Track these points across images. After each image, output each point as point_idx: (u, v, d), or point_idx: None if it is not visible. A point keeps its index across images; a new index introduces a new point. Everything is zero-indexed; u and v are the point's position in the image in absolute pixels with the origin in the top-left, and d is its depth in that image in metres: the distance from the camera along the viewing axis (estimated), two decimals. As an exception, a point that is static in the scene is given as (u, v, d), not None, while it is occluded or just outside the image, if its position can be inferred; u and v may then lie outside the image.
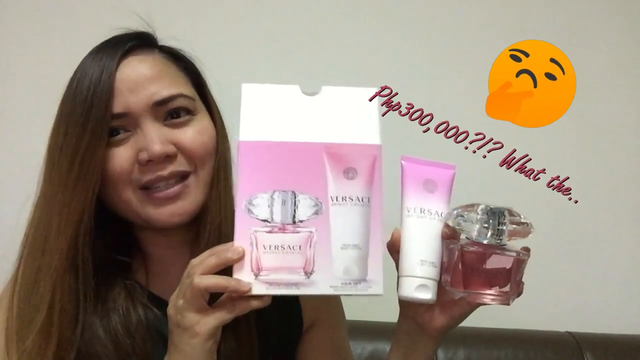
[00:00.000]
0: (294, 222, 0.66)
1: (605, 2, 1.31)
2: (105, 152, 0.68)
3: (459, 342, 1.10)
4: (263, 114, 0.69)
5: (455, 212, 0.66)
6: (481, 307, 0.68)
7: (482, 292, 0.64)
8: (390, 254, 0.68)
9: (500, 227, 0.64)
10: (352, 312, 0.88)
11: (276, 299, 0.78)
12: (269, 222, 0.66)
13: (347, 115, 0.70)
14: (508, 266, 0.64)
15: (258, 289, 0.64)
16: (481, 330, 1.12)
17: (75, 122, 0.68)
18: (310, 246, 0.66)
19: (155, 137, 0.69)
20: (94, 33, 0.73)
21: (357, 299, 0.83)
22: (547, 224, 1.27)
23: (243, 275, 0.64)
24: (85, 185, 0.67)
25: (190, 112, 0.73)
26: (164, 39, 0.78)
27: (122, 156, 0.69)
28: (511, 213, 0.65)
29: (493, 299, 0.64)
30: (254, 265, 0.64)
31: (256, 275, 0.64)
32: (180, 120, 0.72)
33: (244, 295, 0.63)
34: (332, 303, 0.87)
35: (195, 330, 0.62)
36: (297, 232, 0.66)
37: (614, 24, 1.30)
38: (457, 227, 0.65)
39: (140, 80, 0.70)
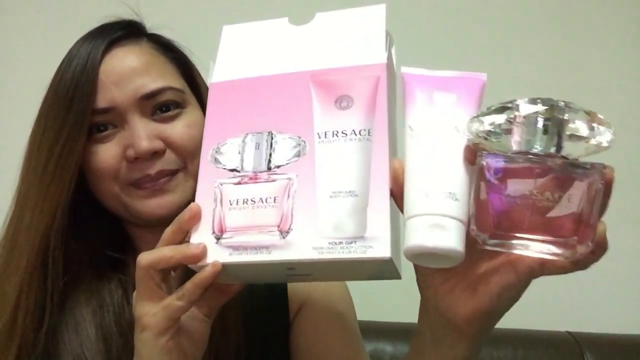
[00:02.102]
0: (269, 169, 0.50)
1: (605, 2, 1.31)
2: (90, 148, 0.64)
3: None
4: (241, 53, 0.57)
5: (480, 116, 0.43)
6: None
7: (530, 237, 0.40)
8: (395, 201, 0.47)
9: (560, 129, 0.40)
10: (361, 312, 0.75)
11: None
12: (239, 171, 0.51)
13: (342, 39, 0.54)
14: (577, 195, 0.39)
15: (218, 254, 0.48)
16: None
17: (55, 116, 0.64)
18: (288, 197, 0.49)
19: (143, 133, 0.63)
20: (84, 23, 0.70)
21: (357, 292, 0.72)
22: None
23: (200, 239, 0.49)
24: (60, 182, 0.63)
25: (179, 105, 0.66)
26: (153, 28, 0.73)
27: (108, 153, 0.64)
28: (578, 108, 0.41)
29: (550, 248, 0.39)
30: (216, 226, 0.49)
31: (218, 238, 0.49)
32: (169, 114, 0.66)
33: (202, 268, 0.48)
34: (328, 282, 0.70)
35: (143, 322, 0.50)
36: (272, 181, 0.50)
37: (614, 23, 1.30)
38: (486, 138, 0.42)
39: (126, 72, 0.65)
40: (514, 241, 0.41)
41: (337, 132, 0.50)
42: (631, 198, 1.27)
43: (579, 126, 0.41)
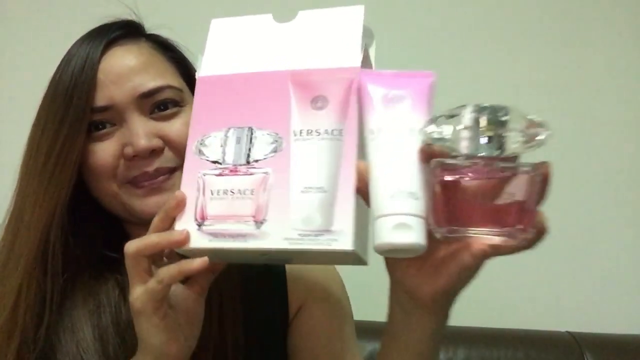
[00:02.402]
0: (248, 162, 0.55)
1: (605, 1, 1.31)
2: (88, 146, 0.65)
3: (459, 342, 1.08)
4: (227, 48, 0.60)
5: (433, 119, 0.47)
6: (480, 307, 0.50)
7: (479, 227, 0.44)
8: (362, 197, 0.51)
9: (501, 132, 0.44)
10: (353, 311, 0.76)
11: (262, 281, 0.70)
12: (220, 163, 0.55)
13: (322, 40, 0.58)
14: (521, 190, 0.44)
15: (200, 241, 0.53)
16: (481, 330, 1.11)
17: (54, 114, 0.65)
18: (264, 190, 0.53)
19: (141, 131, 0.65)
20: (84, 23, 0.72)
21: (356, 292, 0.75)
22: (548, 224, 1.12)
23: (184, 226, 0.54)
24: (59, 181, 0.64)
25: (178, 104, 0.68)
26: (152, 28, 0.74)
27: (106, 151, 0.66)
28: (516, 111, 0.45)
29: (497, 234, 0.44)
30: (198, 214, 0.54)
31: (199, 225, 0.54)
32: (167, 113, 0.67)
33: (184, 253, 0.53)
34: (327, 280, 0.72)
35: (134, 306, 0.54)
36: (250, 174, 0.54)
37: (613, 23, 1.30)
38: (438, 140, 0.47)
39: (124, 71, 0.66)
40: (467, 234, 0.46)
41: (312, 130, 0.54)
42: (631, 198, 1.27)
43: (517, 128, 0.45)
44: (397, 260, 0.51)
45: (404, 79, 0.53)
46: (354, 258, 0.52)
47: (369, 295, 0.53)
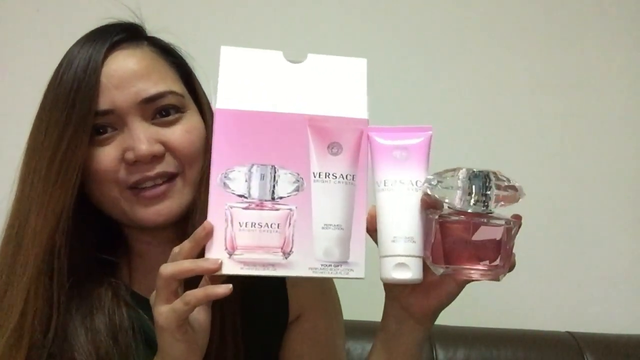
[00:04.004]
0: (273, 199, 0.62)
1: (605, 1, 1.31)
2: (90, 150, 0.65)
3: (459, 342, 1.08)
4: (243, 81, 0.64)
5: (432, 178, 0.61)
6: (480, 307, 0.64)
7: (468, 267, 0.61)
8: (371, 236, 0.64)
9: (486, 193, 0.59)
10: (352, 312, 0.84)
11: (262, 286, 0.74)
12: (246, 197, 0.61)
13: (333, 86, 0.66)
14: (497, 237, 0.60)
15: (231, 268, 0.60)
16: (481, 330, 1.12)
17: (57, 118, 0.65)
18: (289, 225, 0.62)
19: (143, 136, 0.66)
20: (83, 23, 0.70)
21: (355, 295, 0.84)
22: (547, 224, 1.26)
23: (215, 254, 0.60)
24: (64, 185, 0.64)
25: (179, 109, 0.69)
26: (152, 31, 0.74)
27: (107, 155, 0.66)
28: (497, 177, 0.61)
29: (482, 274, 0.61)
30: (228, 244, 0.60)
31: (230, 254, 0.60)
32: (168, 119, 0.69)
33: (216, 278, 0.59)
34: (323, 292, 0.82)
35: (159, 322, 0.58)
36: (276, 210, 0.62)
37: (614, 23, 1.31)
38: (437, 195, 0.60)
39: (127, 76, 0.66)
40: (459, 269, 0.61)
41: (329, 174, 0.63)
42: (631, 198, 1.28)
43: (499, 191, 0.61)
44: (394, 285, 0.65)
45: (406, 134, 0.64)
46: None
47: (368, 296, 0.61)
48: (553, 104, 1.27)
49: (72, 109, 0.64)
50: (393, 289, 0.66)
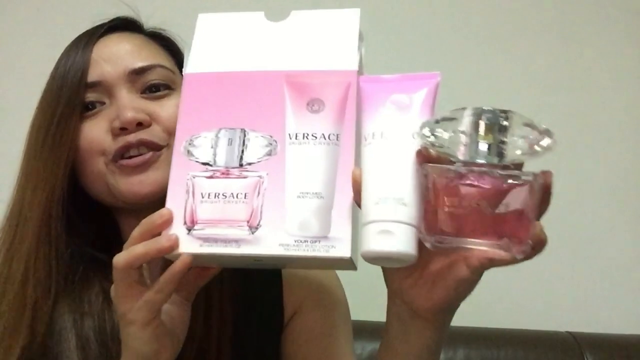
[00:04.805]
0: (241, 165, 0.53)
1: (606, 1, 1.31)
2: (79, 127, 0.65)
3: (459, 342, 1.07)
4: (217, 45, 0.58)
5: (430, 122, 0.46)
6: (480, 307, 0.50)
7: (471, 239, 0.44)
8: (357, 205, 0.50)
9: (501, 139, 0.44)
10: (352, 311, 0.74)
11: (255, 288, 0.68)
12: (211, 165, 0.53)
13: (317, 41, 0.57)
14: (519, 200, 0.44)
15: (189, 245, 0.51)
16: (481, 330, 1.11)
17: (51, 96, 0.66)
18: (258, 194, 0.52)
19: (128, 103, 0.64)
20: (84, 22, 0.72)
21: (353, 293, 0.73)
22: (547, 224, 1.12)
23: (173, 230, 0.52)
24: (57, 158, 0.64)
25: (169, 87, 0.67)
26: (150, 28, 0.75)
27: (95, 127, 0.65)
28: (517, 115, 0.44)
29: (489, 250, 0.44)
30: (187, 218, 0.52)
31: (189, 230, 0.52)
32: (157, 94, 0.67)
33: (173, 258, 0.51)
34: (319, 285, 0.71)
35: (128, 318, 0.52)
36: (244, 177, 0.52)
37: (614, 23, 1.30)
38: (434, 144, 0.46)
39: (118, 51, 0.67)
40: (460, 244, 0.45)
41: (308, 134, 0.53)
42: (631, 198, 1.27)
43: (519, 134, 0.45)
44: (394, 271, 0.51)
45: (408, 83, 0.52)
46: (347, 264, 0.51)
47: (369, 296, 0.51)
48: (553, 102, 1.26)
49: (64, 85, 0.65)
50: (393, 280, 0.52)
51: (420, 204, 0.47)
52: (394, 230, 0.46)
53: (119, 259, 0.51)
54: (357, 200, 0.50)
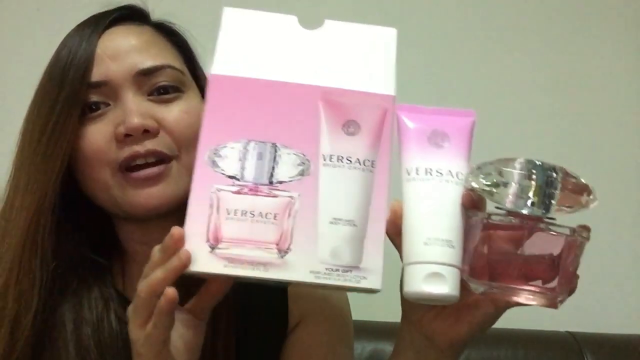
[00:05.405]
0: (271, 183, 0.50)
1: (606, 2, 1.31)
2: (81, 129, 0.61)
3: None
4: (246, 46, 0.54)
5: (482, 167, 0.48)
6: None
7: (517, 286, 0.46)
8: (390, 238, 0.50)
9: (549, 191, 0.46)
10: (352, 311, 0.73)
11: (260, 292, 0.65)
12: (238, 179, 0.50)
13: (353, 57, 0.55)
14: (557, 251, 0.46)
15: (212, 265, 0.48)
16: None
17: (48, 95, 0.61)
18: (288, 216, 0.50)
19: (135, 108, 0.60)
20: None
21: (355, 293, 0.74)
22: None
23: (194, 247, 0.48)
24: (52, 160, 0.60)
25: (178, 89, 0.63)
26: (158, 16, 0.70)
27: (99, 133, 0.61)
28: (566, 173, 0.47)
29: (534, 297, 0.46)
30: (211, 235, 0.49)
31: (212, 248, 0.48)
32: (166, 97, 0.63)
33: (195, 275, 0.48)
34: (328, 296, 0.70)
35: (136, 348, 0.50)
36: (274, 196, 0.50)
37: (615, 23, 1.30)
38: (484, 190, 0.47)
39: (124, 47, 0.62)
40: (505, 288, 0.47)
41: (343, 157, 0.51)
42: (631, 198, 1.27)
43: (564, 191, 0.47)
44: (416, 305, 0.51)
45: (446, 118, 0.52)
46: (372, 292, 0.51)
47: (369, 296, 0.51)
48: (553, 102, 1.26)
49: (65, 82, 0.60)
50: (415, 311, 0.52)
51: (462, 246, 0.48)
52: (444, 274, 0.47)
53: (142, 288, 0.49)
54: (391, 232, 0.50)
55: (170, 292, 0.47)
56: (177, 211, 0.61)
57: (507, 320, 0.52)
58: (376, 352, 0.99)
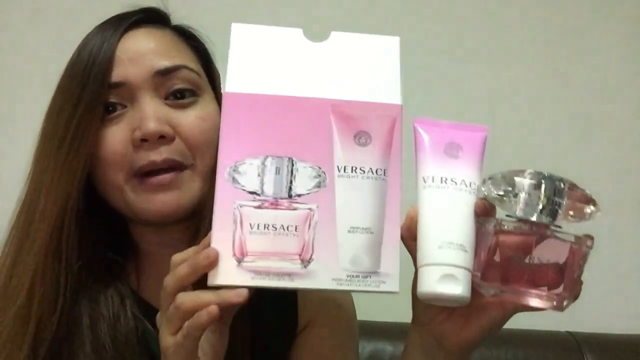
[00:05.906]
0: (290, 197, 0.52)
1: (607, 2, 1.32)
2: (99, 131, 0.62)
3: None
4: (257, 62, 0.56)
5: (493, 178, 0.51)
6: None
7: (525, 290, 0.50)
8: (404, 242, 0.54)
9: (557, 200, 0.49)
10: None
11: (270, 290, 0.67)
12: (259, 194, 0.52)
13: (359, 68, 0.56)
14: (562, 258, 0.50)
15: (240, 278, 0.51)
16: None
17: (70, 95, 0.62)
18: (309, 227, 0.52)
19: (152, 112, 0.61)
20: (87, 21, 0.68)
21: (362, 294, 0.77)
22: None
23: (222, 262, 0.51)
24: (75, 163, 0.61)
25: (194, 93, 0.65)
26: (177, 20, 0.71)
27: (115, 136, 0.62)
28: (572, 184, 0.50)
29: (540, 301, 0.50)
30: (237, 249, 0.51)
31: (239, 261, 0.51)
32: (182, 102, 0.64)
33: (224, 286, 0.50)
34: (336, 299, 0.73)
35: (167, 355, 0.52)
36: (294, 209, 0.52)
37: (615, 23, 1.32)
38: (495, 199, 0.50)
39: (143, 50, 0.63)
40: (515, 292, 0.51)
41: (356, 168, 0.54)
42: (631, 198, 1.28)
43: (570, 201, 0.51)
44: (426, 305, 0.54)
45: (461, 132, 0.55)
46: (388, 294, 0.54)
47: (369, 296, 0.53)
48: (553, 103, 1.28)
49: (86, 85, 0.61)
50: (425, 313, 0.56)
51: (474, 251, 0.51)
52: (457, 275, 0.50)
53: (167, 282, 0.51)
54: (406, 237, 0.53)
55: (214, 310, 0.48)
56: (191, 215, 0.64)
57: (508, 320, 0.55)
58: (376, 352, 1.00)
